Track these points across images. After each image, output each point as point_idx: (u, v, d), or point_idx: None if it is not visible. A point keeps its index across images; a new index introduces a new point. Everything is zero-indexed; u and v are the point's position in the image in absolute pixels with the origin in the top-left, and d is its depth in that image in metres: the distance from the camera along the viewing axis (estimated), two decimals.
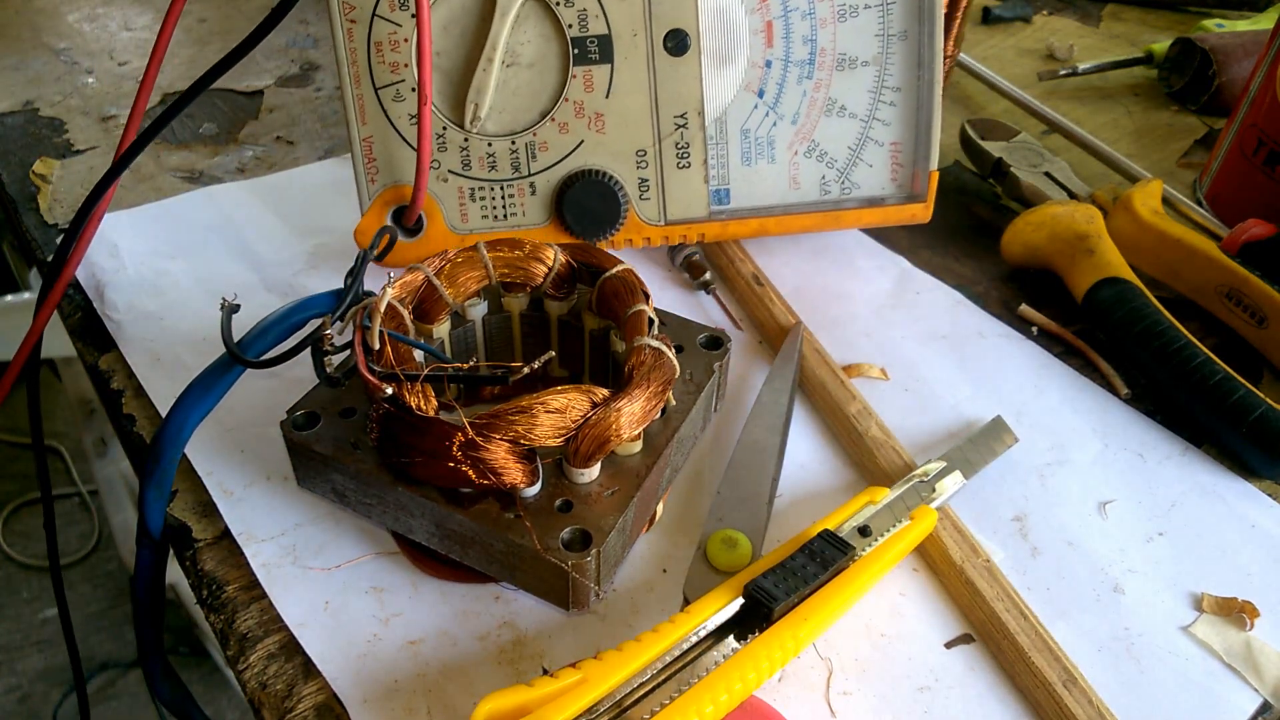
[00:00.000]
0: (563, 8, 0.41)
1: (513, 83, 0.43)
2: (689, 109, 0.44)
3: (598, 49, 0.42)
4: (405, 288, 0.35)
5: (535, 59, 0.42)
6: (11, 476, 1.54)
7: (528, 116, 0.43)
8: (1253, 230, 0.50)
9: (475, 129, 0.43)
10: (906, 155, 0.46)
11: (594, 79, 0.43)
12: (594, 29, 0.42)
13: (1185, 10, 0.82)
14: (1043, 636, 0.33)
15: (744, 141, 0.46)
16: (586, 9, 0.41)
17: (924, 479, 0.38)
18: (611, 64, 0.42)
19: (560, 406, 0.30)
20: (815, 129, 0.46)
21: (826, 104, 0.45)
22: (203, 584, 0.36)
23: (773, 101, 0.45)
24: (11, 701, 1.29)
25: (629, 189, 0.45)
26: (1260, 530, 0.39)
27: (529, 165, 0.44)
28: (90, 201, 0.41)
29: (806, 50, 0.44)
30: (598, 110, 0.43)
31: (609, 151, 0.44)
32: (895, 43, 0.44)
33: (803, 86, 0.45)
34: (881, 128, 0.46)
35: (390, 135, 0.43)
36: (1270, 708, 0.33)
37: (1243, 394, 0.41)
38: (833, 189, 0.47)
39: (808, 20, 0.44)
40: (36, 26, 0.76)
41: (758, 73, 0.44)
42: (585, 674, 0.29)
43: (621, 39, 0.42)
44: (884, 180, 0.47)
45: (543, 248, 0.37)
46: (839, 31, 0.44)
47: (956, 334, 0.48)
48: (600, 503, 0.31)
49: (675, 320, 0.38)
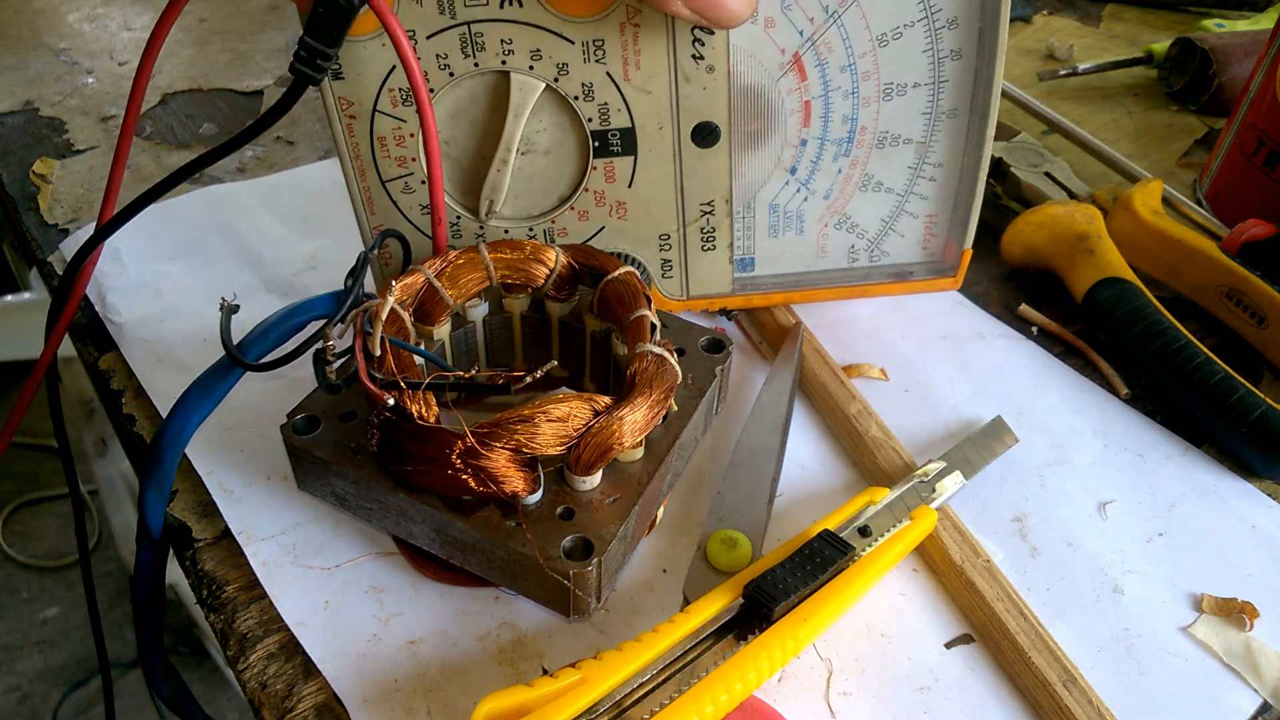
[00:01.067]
0: (581, 102, 0.38)
1: (529, 170, 0.40)
2: (716, 196, 0.41)
3: (619, 142, 0.39)
4: (406, 290, 0.35)
5: (552, 147, 0.39)
6: (11, 476, 1.54)
7: (545, 202, 0.41)
8: (1253, 230, 0.50)
9: (490, 221, 0.41)
10: (941, 227, 0.43)
11: (615, 170, 0.40)
12: (616, 122, 0.38)
13: (1185, 10, 0.82)
14: (1042, 637, 0.33)
15: (772, 215, 0.43)
16: (608, 102, 0.38)
17: (924, 479, 0.38)
18: (635, 155, 0.39)
19: (562, 415, 0.30)
20: (848, 204, 0.42)
21: (862, 180, 0.42)
22: (203, 584, 0.36)
23: (805, 179, 0.41)
24: (11, 701, 1.29)
25: (651, 269, 0.43)
26: (1260, 530, 0.39)
27: None
28: (84, 251, 0.40)
29: (846, 129, 0.40)
30: (620, 199, 0.40)
31: (631, 237, 0.42)
32: (943, 121, 0.40)
33: (838, 164, 0.41)
34: (918, 201, 0.42)
35: (403, 225, 0.41)
36: (1270, 708, 0.33)
37: (1243, 394, 0.41)
38: (861, 257, 0.44)
39: (850, 100, 0.39)
40: (36, 26, 0.76)
41: (791, 151, 0.41)
42: (585, 674, 0.29)
43: (646, 132, 0.39)
44: (915, 249, 0.44)
45: (544, 249, 0.37)
46: (882, 110, 0.40)
47: (956, 334, 0.48)
48: (601, 510, 0.31)
49: (676, 322, 0.38)
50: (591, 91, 0.38)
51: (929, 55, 0.38)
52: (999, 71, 0.38)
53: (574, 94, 0.38)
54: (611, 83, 0.37)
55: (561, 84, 0.37)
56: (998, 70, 0.38)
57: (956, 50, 0.38)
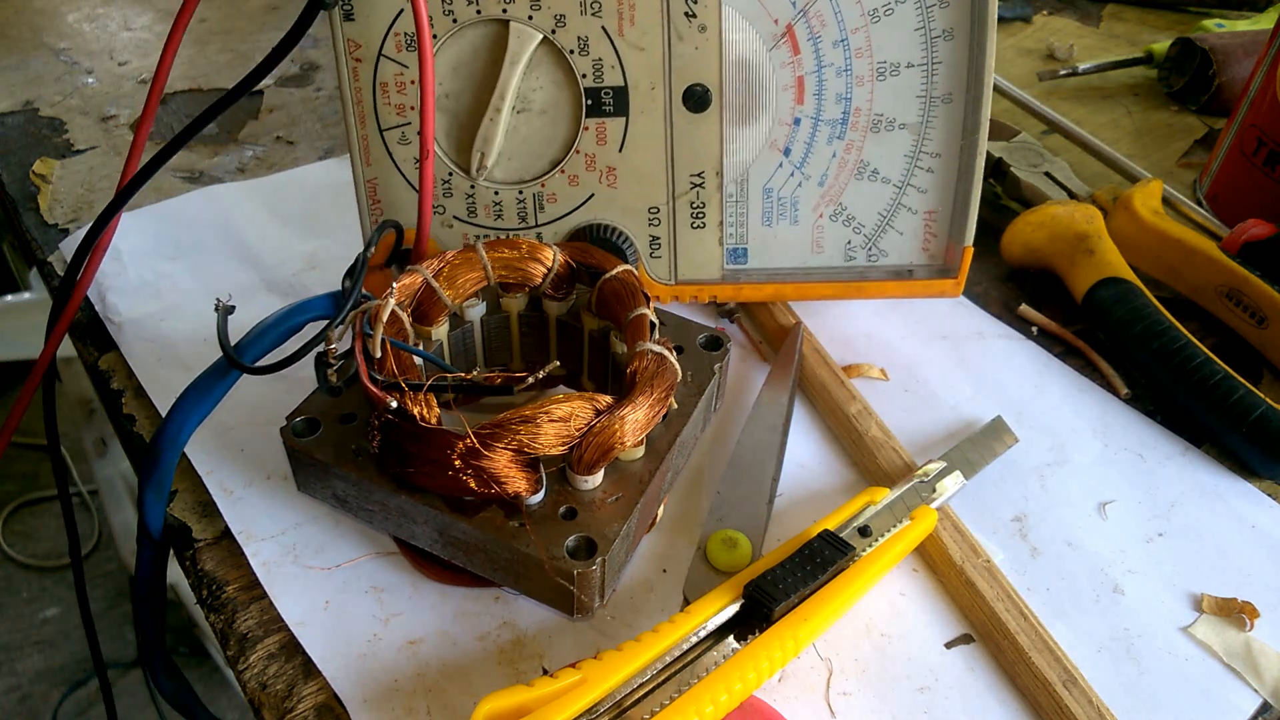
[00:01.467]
0: (577, 56, 0.38)
1: (523, 129, 0.40)
2: (706, 168, 0.41)
3: (612, 101, 0.39)
4: (404, 291, 0.35)
5: (547, 105, 0.40)
6: (11, 476, 1.54)
7: (537, 165, 0.41)
8: (1253, 230, 0.50)
9: (481, 177, 0.41)
10: (941, 226, 0.42)
11: (607, 131, 0.40)
12: (609, 80, 0.39)
13: (1185, 10, 0.82)
14: (1043, 637, 0.33)
15: (765, 201, 0.42)
16: (602, 58, 0.38)
17: (924, 479, 0.38)
18: (627, 117, 0.40)
19: (564, 415, 0.30)
20: (844, 192, 0.42)
21: (858, 166, 0.41)
22: (203, 584, 0.36)
23: (799, 161, 0.41)
24: (11, 701, 1.29)
25: (639, 246, 0.42)
26: (1260, 530, 0.39)
27: (536, 216, 0.42)
28: (92, 235, 0.40)
29: (840, 109, 0.40)
30: (610, 164, 0.41)
31: (620, 207, 0.42)
32: (939, 105, 0.40)
33: (833, 147, 0.41)
34: (916, 195, 0.42)
35: (395, 177, 0.42)
36: (1270, 708, 0.33)
37: (1243, 394, 0.41)
38: (858, 255, 0.43)
39: (843, 78, 0.39)
40: (36, 26, 0.76)
41: (784, 130, 0.41)
42: (585, 674, 0.29)
43: (638, 91, 0.39)
44: (915, 249, 0.43)
45: (541, 248, 0.37)
46: (876, 90, 0.40)
47: (956, 334, 0.48)
48: (604, 509, 0.31)
49: (674, 320, 0.38)
50: (587, 46, 0.38)
51: (921, 34, 0.39)
52: (990, 58, 0.38)
53: (570, 47, 0.38)
54: (606, 37, 0.38)
55: (559, 36, 0.38)
56: (989, 57, 0.38)
57: (949, 30, 0.39)
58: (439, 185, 0.42)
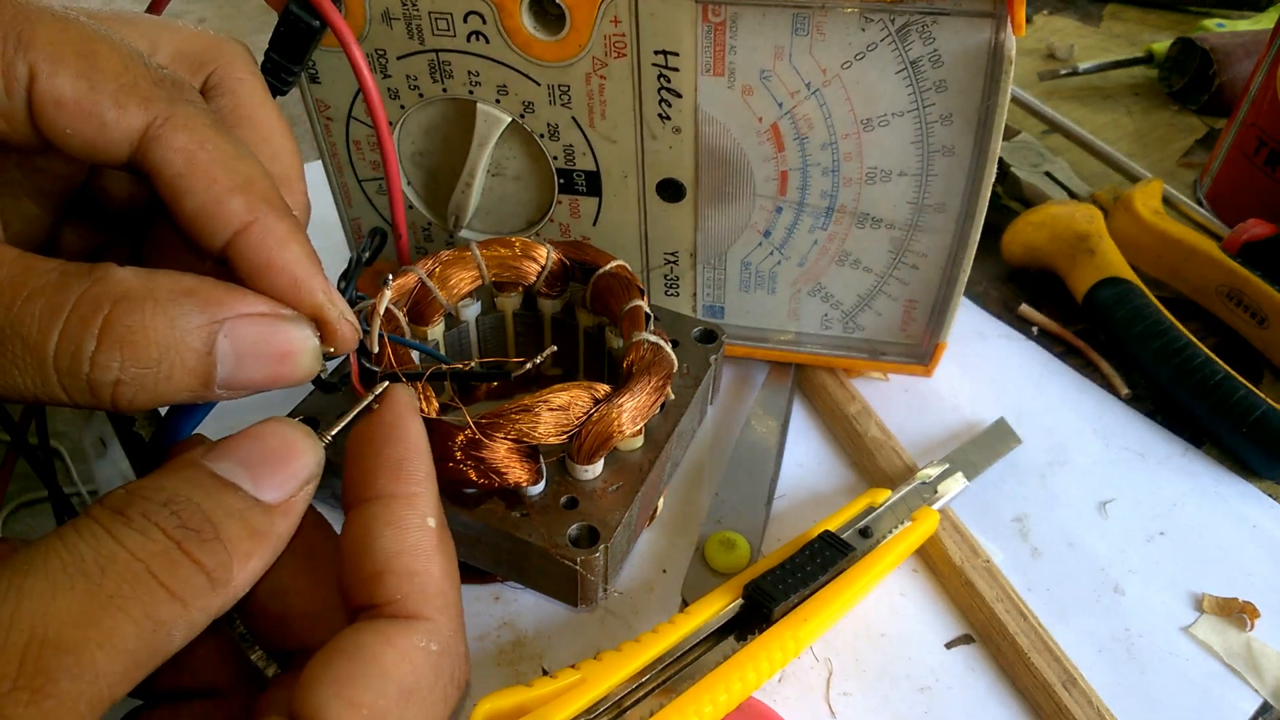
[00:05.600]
0: (547, 140, 0.37)
1: (499, 190, 0.40)
2: (681, 249, 0.40)
3: (584, 183, 0.39)
4: (399, 290, 0.35)
5: (521, 174, 0.39)
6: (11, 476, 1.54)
7: (513, 224, 0.41)
8: (1253, 230, 0.50)
9: (458, 234, 0.41)
10: (921, 314, 0.41)
11: (580, 208, 0.39)
12: (581, 164, 0.38)
13: (1185, 10, 0.82)
14: (1043, 637, 0.33)
15: (743, 272, 0.41)
16: (574, 145, 0.37)
17: (926, 480, 0.38)
18: (600, 198, 0.39)
19: (563, 404, 0.30)
20: (824, 274, 0.40)
21: (840, 255, 0.39)
22: None
23: (779, 244, 0.39)
24: None
25: None
26: (1260, 530, 0.39)
27: None
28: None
29: (824, 203, 0.38)
30: (584, 234, 0.40)
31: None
32: (930, 214, 0.37)
33: (814, 236, 0.39)
34: (898, 285, 0.40)
35: (377, 219, 0.42)
36: (1270, 708, 0.33)
37: (1243, 394, 0.41)
38: (834, 326, 0.42)
39: (829, 177, 0.37)
40: None
41: (765, 216, 0.39)
42: (584, 674, 0.29)
43: (611, 177, 0.38)
44: (892, 329, 0.41)
45: (535, 246, 0.37)
46: (864, 193, 0.37)
47: (956, 334, 0.48)
48: (605, 498, 0.31)
49: (669, 315, 0.38)
50: (557, 132, 0.37)
51: (918, 147, 0.36)
52: (989, 177, 0.36)
53: (539, 132, 0.38)
54: (577, 127, 0.37)
55: (528, 120, 0.37)
56: (988, 175, 0.35)
57: (949, 147, 0.35)
58: (419, 233, 0.42)
